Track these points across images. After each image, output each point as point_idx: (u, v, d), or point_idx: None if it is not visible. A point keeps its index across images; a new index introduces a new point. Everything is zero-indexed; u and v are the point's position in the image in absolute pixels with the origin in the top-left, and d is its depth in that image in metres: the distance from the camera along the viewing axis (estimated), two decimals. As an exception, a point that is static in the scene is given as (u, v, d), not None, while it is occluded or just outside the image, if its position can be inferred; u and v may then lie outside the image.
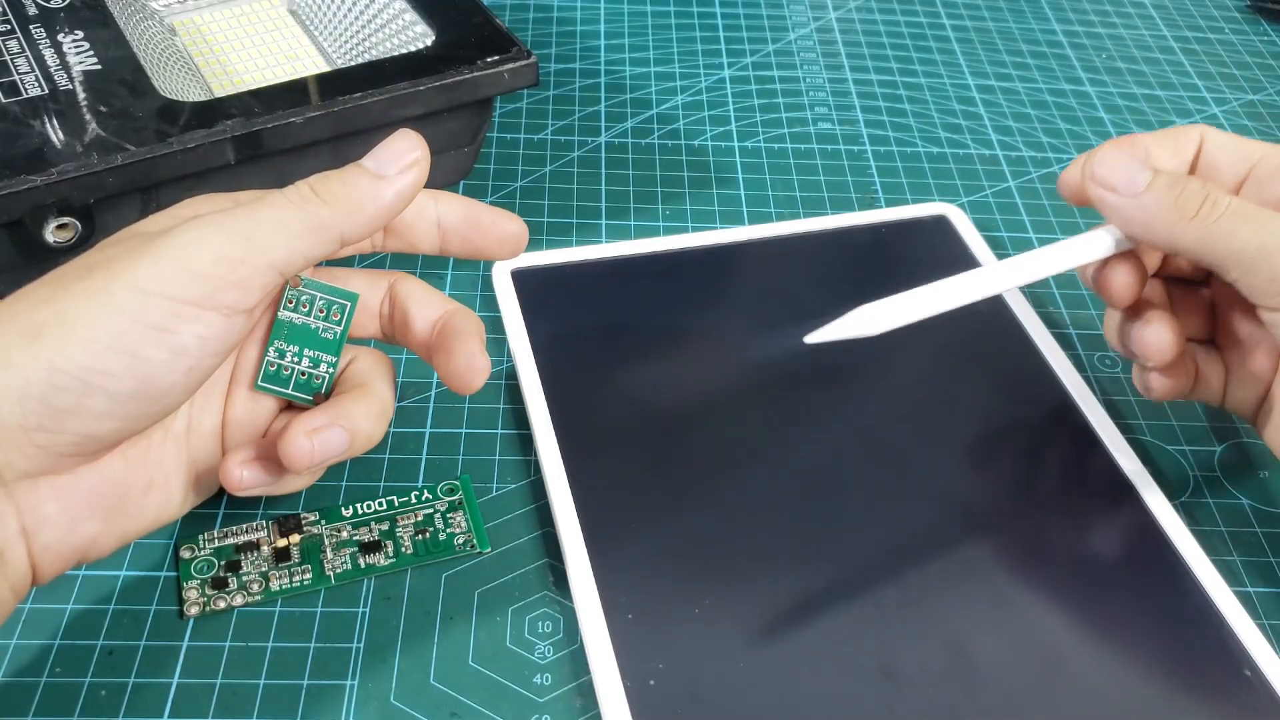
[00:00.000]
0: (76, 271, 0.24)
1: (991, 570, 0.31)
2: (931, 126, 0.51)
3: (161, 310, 0.23)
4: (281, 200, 0.26)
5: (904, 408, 0.36)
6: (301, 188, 0.27)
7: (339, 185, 0.27)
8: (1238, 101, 0.54)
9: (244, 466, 0.28)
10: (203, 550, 0.31)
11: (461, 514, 0.33)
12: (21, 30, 0.40)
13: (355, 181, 0.27)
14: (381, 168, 0.27)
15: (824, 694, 0.28)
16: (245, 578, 0.30)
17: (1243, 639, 0.30)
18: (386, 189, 0.27)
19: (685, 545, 0.32)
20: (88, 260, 0.25)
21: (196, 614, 0.30)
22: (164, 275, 0.24)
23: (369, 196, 0.27)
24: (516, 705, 0.29)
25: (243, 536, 0.31)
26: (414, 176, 0.27)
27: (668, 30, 0.56)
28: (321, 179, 0.27)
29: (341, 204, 0.26)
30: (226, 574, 0.30)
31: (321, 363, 0.30)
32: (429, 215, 0.30)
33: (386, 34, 0.44)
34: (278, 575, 0.30)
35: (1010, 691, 0.29)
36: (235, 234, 0.25)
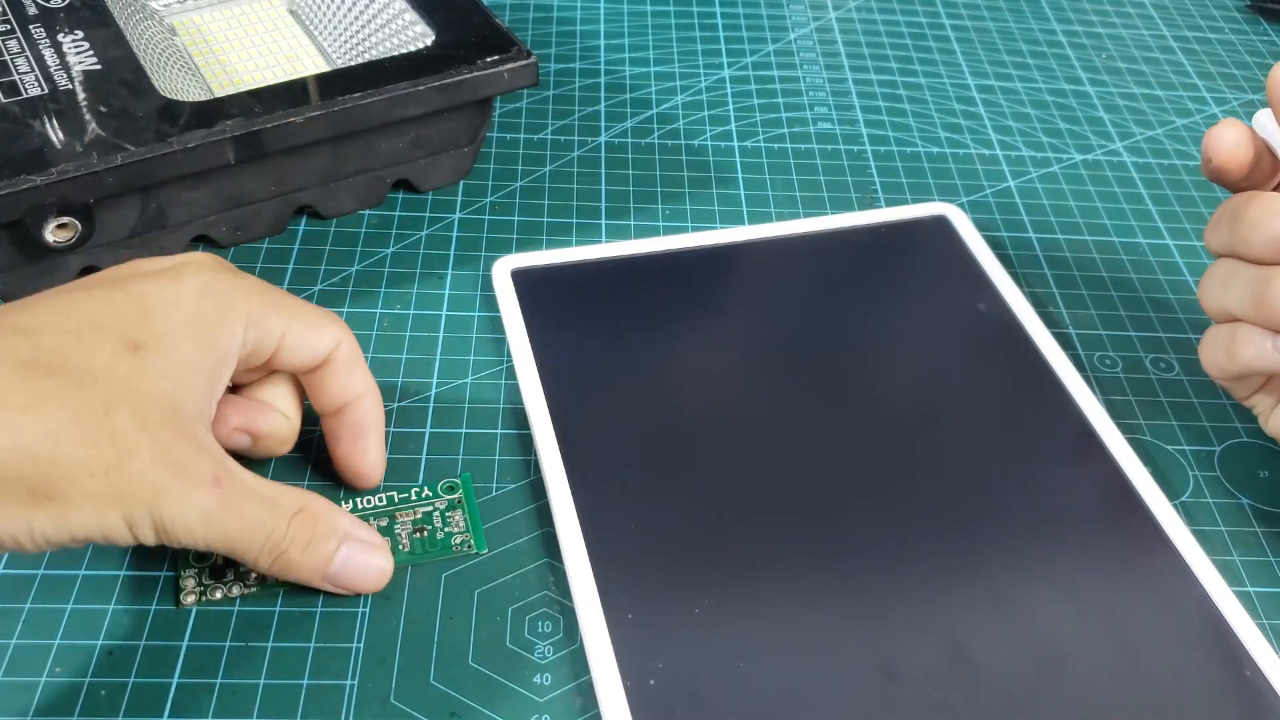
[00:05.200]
0: (101, 449, 0.25)
1: (992, 570, 0.31)
2: (931, 126, 0.51)
3: (122, 535, 0.26)
4: (261, 534, 0.28)
5: (904, 408, 0.36)
6: (282, 543, 0.28)
7: (296, 568, 0.29)
8: (1237, 101, 0.54)
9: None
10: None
11: (460, 513, 0.32)
12: (21, 30, 0.40)
13: (310, 572, 0.29)
14: (333, 578, 0.29)
15: (824, 694, 0.28)
16: (243, 569, 0.30)
17: (1243, 639, 0.30)
18: (317, 583, 0.30)
19: (685, 545, 0.32)
20: (120, 429, 0.25)
21: (193, 603, 0.30)
22: (146, 520, 0.26)
23: (300, 580, 0.29)
24: (516, 705, 0.29)
25: None
26: (341, 592, 0.30)
27: (667, 30, 0.56)
28: (297, 554, 0.28)
29: (283, 569, 0.29)
30: (224, 564, 0.30)
31: None
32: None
33: (386, 34, 0.44)
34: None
35: (1010, 691, 0.29)
36: (212, 532, 0.27)
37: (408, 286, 0.40)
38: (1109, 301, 0.42)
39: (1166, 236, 0.45)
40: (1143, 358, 0.40)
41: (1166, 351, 0.40)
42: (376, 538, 0.30)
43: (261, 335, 0.29)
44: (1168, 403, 0.38)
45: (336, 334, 0.31)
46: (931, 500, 0.33)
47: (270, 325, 0.29)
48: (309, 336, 0.30)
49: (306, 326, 0.30)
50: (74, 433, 0.25)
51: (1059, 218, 0.46)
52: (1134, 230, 0.46)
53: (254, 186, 0.40)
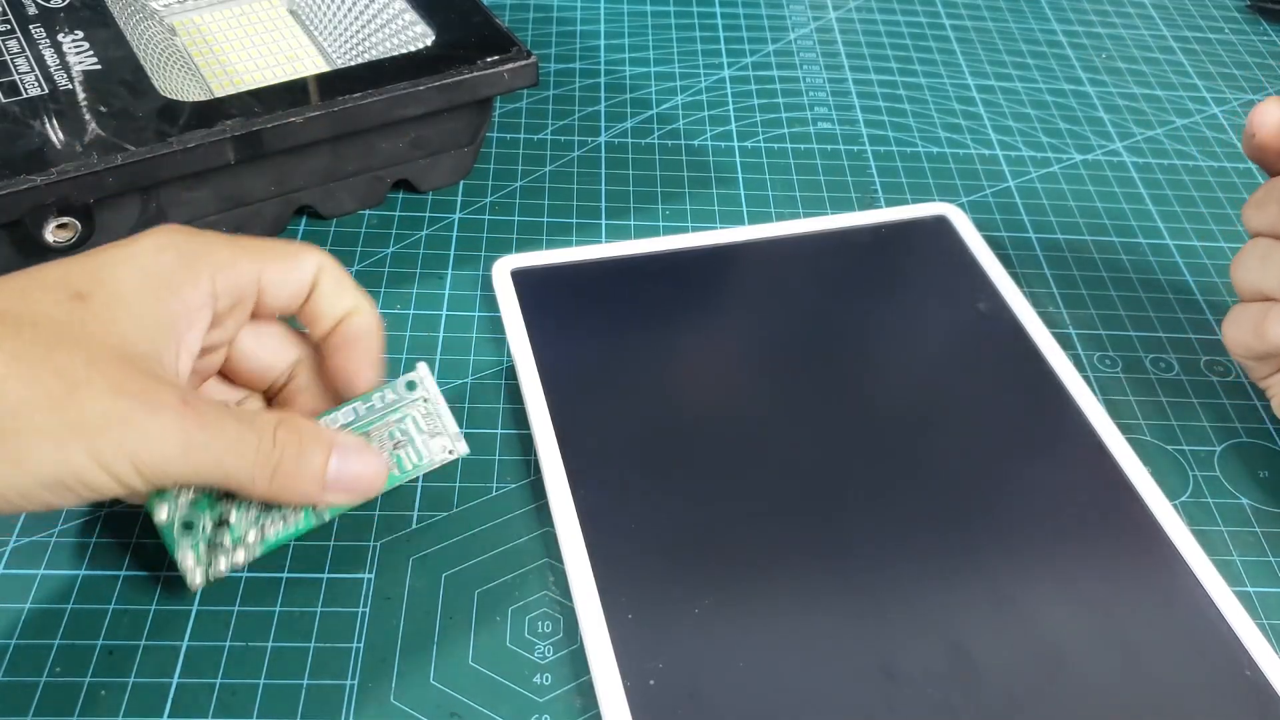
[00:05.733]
0: (52, 386, 0.24)
1: (992, 570, 0.31)
2: (931, 126, 0.51)
3: (99, 482, 0.25)
4: (250, 456, 0.27)
5: (904, 408, 0.36)
6: (272, 459, 0.27)
7: (294, 482, 0.27)
8: (1237, 102, 0.54)
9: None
10: (179, 508, 0.29)
11: (428, 409, 0.31)
12: (21, 30, 0.40)
13: (306, 485, 0.28)
14: (331, 485, 0.28)
15: (824, 693, 0.28)
16: (239, 532, 0.29)
17: (1243, 639, 0.30)
18: (312, 501, 0.29)
19: (685, 545, 0.32)
20: (69, 367, 0.24)
21: (203, 583, 0.29)
22: (120, 458, 0.24)
23: (299, 498, 0.28)
24: (516, 705, 0.29)
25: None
26: (339, 502, 0.29)
27: (667, 30, 0.56)
28: (293, 465, 0.27)
29: (279, 494, 0.28)
30: (218, 533, 0.29)
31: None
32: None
33: (386, 34, 0.44)
34: (271, 523, 0.29)
35: (1010, 691, 0.29)
36: (193, 462, 0.25)
37: (408, 286, 0.40)
38: (1109, 301, 0.42)
39: (1166, 236, 0.45)
40: (1143, 358, 0.40)
41: (1166, 351, 0.40)
42: (361, 440, 0.30)
43: (236, 282, 0.28)
44: (1168, 403, 0.38)
45: (315, 260, 0.30)
46: (931, 500, 0.33)
47: (242, 269, 0.28)
48: (288, 271, 0.29)
49: (282, 262, 0.29)
50: (14, 370, 0.24)
51: (1059, 218, 0.46)
52: (1134, 230, 0.46)
53: (254, 186, 0.40)
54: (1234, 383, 0.39)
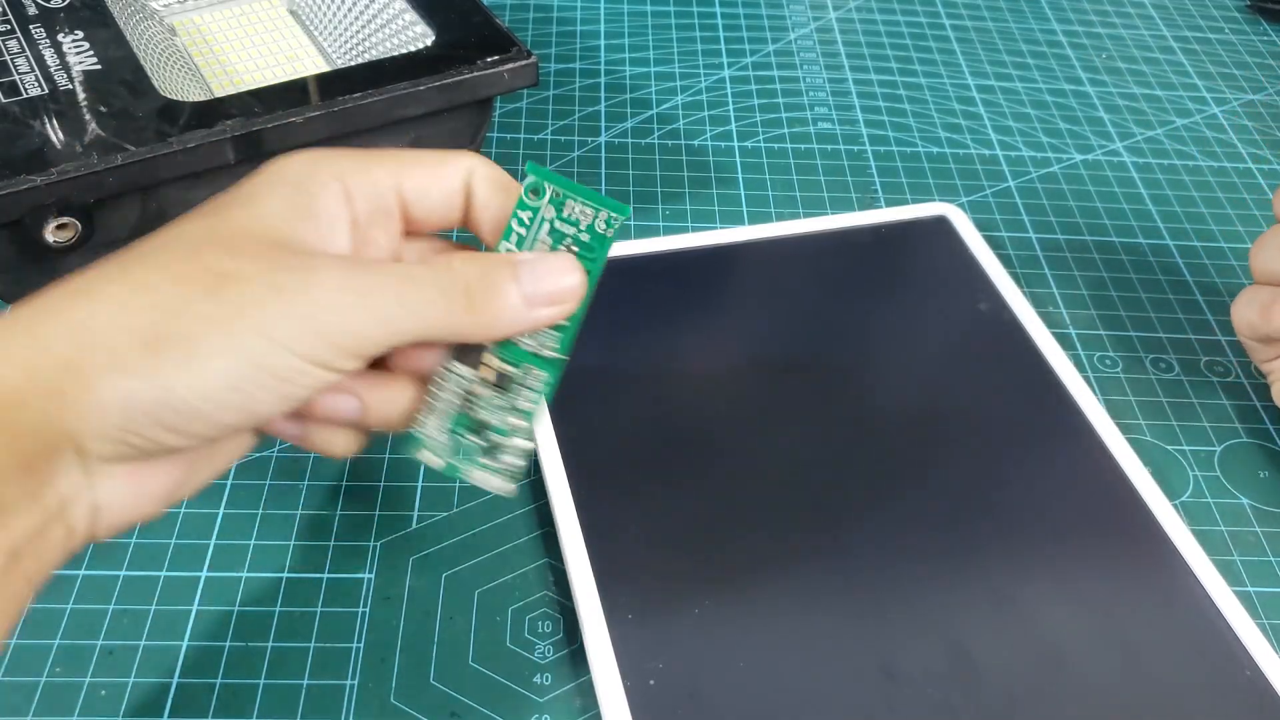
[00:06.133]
0: (204, 280, 0.22)
1: (992, 570, 0.31)
2: (931, 126, 0.51)
3: (286, 365, 0.23)
4: (432, 289, 0.24)
5: (905, 409, 0.36)
6: (458, 284, 0.24)
7: (491, 299, 0.25)
8: (1238, 101, 0.54)
9: (324, 397, 0.26)
10: (442, 447, 0.27)
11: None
12: (21, 30, 0.40)
13: (506, 304, 0.25)
14: (533, 299, 0.25)
15: (824, 694, 0.28)
16: (499, 421, 0.27)
17: (1243, 639, 0.30)
18: (523, 321, 0.25)
19: (685, 545, 0.32)
20: (214, 262, 0.23)
21: (515, 486, 0.27)
22: (295, 331, 0.22)
23: (507, 321, 0.25)
24: (516, 705, 0.29)
25: (452, 393, 0.27)
26: (554, 315, 0.26)
27: (668, 30, 0.56)
28: (483, 285, 0.25)
29: (484, 319, 0.25)
30: (485, 437, 0.27)
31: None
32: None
33: (386, 34, 0.44)
34: (517, 393, 0.27)
35: (1011, 691, 0.29)
36: (373, 313, 0.23)
37: (408, 286, 0.40)
38: (1109, 301, 0.42)
39: (1166, 237, 0.45)
40: (1143, 358, 0.40)
41: (1167, 352, 0.40)
42: (537, 252, 0.27)
43: (371, 190, 0.26)
44: (1168, 403, 0.38)
45: (463, 165, 0.27)
46: (931, 500, 0.33)
47: (376, 176, 0.26)
48: (430, 179, 0.27)
49: (423, 167, 0.27)
50: (160, 276, 0.22)
51: (1059, 218, 0.46)
52: (1134, 230, 0.46)
53: (254, 186, 0.40)
54: (1234, 383, 0.39)
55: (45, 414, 0.21)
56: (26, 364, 0.21)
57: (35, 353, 0.21)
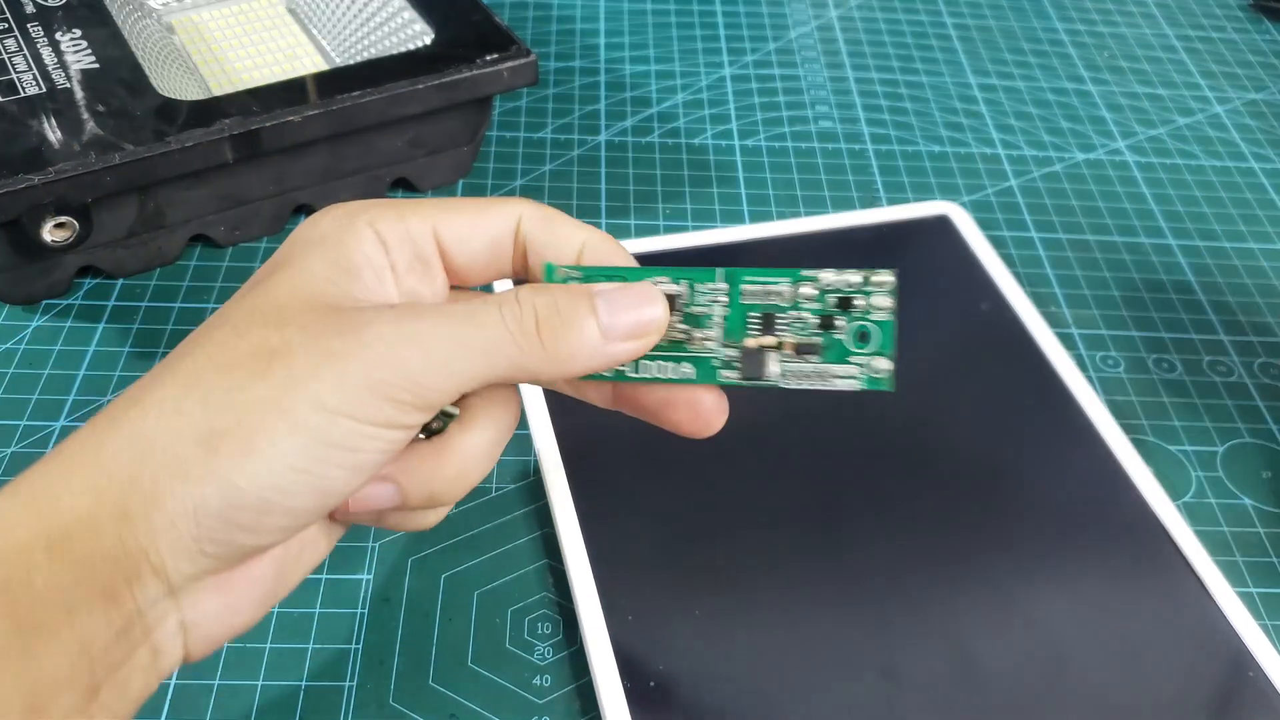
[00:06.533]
0: (251, 362, 0.21)
1: (993, 572, 0.31)
2: (933, 125, 0.50)
3: (349, 433, 0.21)
4: (498, 326, 0.22)
5: (906, 409, 0.36)
6: (526, 319, 0.23)
7: (565, 331, 0.23)
8: (1240, 100, 0.54)
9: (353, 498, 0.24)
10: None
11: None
12: (19, 29, 0.40)
13: (583, 334, 0.23)
14: (611, 327, 0.23)
15: (824, 696, 0.28)
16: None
17: (1245, 640, 0.30)
18: (604, 354, 0.23)
19: (685, 547, 0.31)
20: (261, 341, 0.22)
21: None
22: (353, 396, 0.21)
23: (586, 355, 0.23)
24: (516, 707, 0.29)
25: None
26: (635, 350, 0.23)
27: (668, 28, 0.56)
28: (550, 315, 0.23)
29: (559, 353, 0.23)
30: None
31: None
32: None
33: (385, 32, 0.44)
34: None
35: (1013, 693, 0.29)
36: (434, 359, 0.22)
37: (407, 286, 0.40)
38: (1111, 301, 0.42)
39: (1169, 236, 0.45)
40: (1145, 358, 0.40)
41: (1169, 352, 0.40)
42: (615, 283, 0.24)
43: (404, 234, 0.24)
44: (1170, 403, 0.38)
45: (509, 211, 0.25)
46: (932, 501, 0.33)
47: (410, 223, 0.24)
48: (472, 221, 0.25)
49: (463, 212, 0.25)
50: (208, 368, 0.21)
51: (1061, 217, 0.46)
52: (1136, 230, 0.45)
53: (252, 186, 0.39)
54: (1237, 383, 0.39)
55: (119, 539, 0.20)
56: (92, 488, 0.20)
57: (99, 475, 0.20)
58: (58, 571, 0.19)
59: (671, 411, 0.25)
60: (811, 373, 0.23)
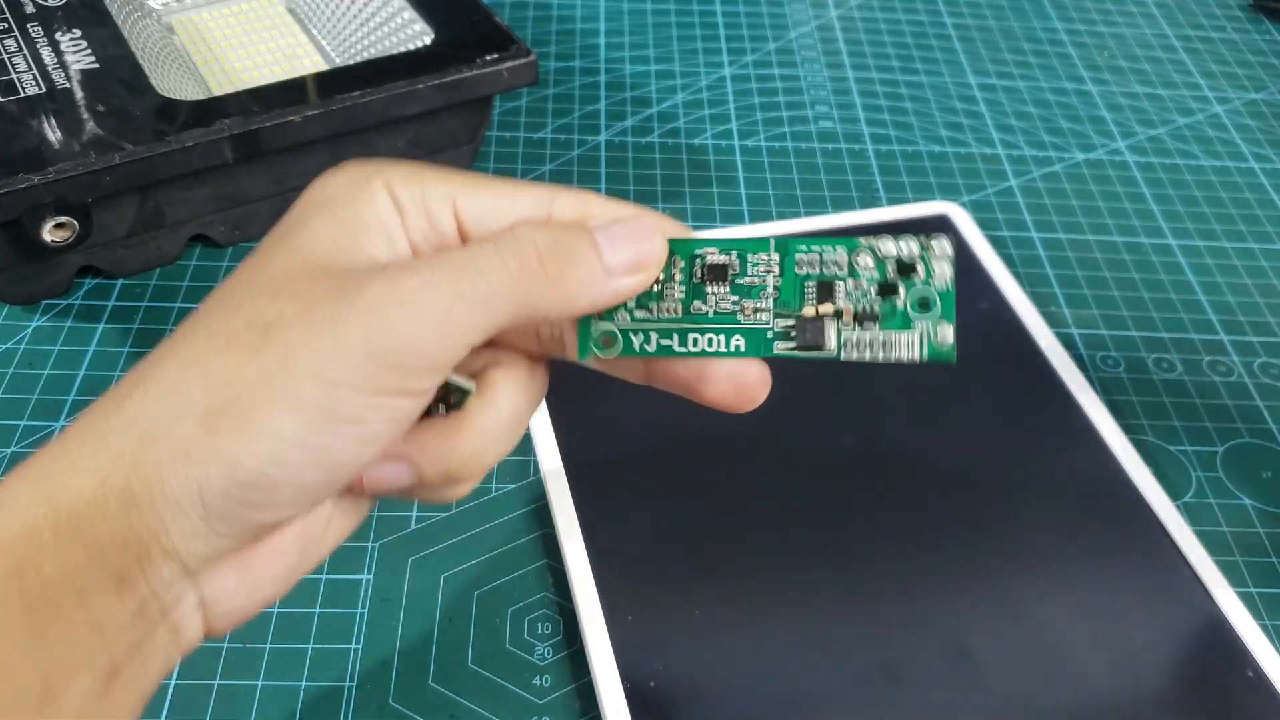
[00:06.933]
0: (248, 336, 0.20)
1: (993, 572, 0.31)
2: (933, 125, 0.50)
3: (351, 404, 0.20)
4: (498, 267, 0.21)
5: (906, 410, 0.36)
6: (528, 253, 0.22)
7: (568, 264, 0.22)
8: (1240, 100, 0.54)
9: (369, 471, 0.23)
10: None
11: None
12: (19, 29, 0.40)
13: (588, 268, 0.22)
14: (614, 262, 0.22)
15: (824, 696, 0.28)
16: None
17: (1246, 640, 0.30)
18: (609, 288, 0.22)
19: (686, 547, 0.31)
20: (256, 313, 0.21)
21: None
22: (351, 365, 0.20)
23: (591, 290, 0.22)
24: (516, 707, 0.29)
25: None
26: (639, 283, 0.23)
27: (668, 28, 0.56)
28: (554, 250, 0.22)
29: (565, 287, 0.22)
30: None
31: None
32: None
33: (385, 32, 0.44)
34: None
35: (1013, 693, 0.29)
36: (431, 317, 0.20)
37: (407, 286, 0.40)
38: (1111, 301, 0.42)
39: (1169, 236, 0.45)
40: (1145, 358, 0.40)
41: (1169, 351, 0.40)
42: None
43: (419, 199, 0.23)
44: (1170, 403, 0.38)
45: (543, 195, 0.24)
46: (932, 502, 0.33)
47: (428, 187, 0.23)
48: (497, 202, 0.23)
49: (488, 190, 0.23)
50: (207, 345, 0.21)
51: (1061, 217, 0.46)
52: (1136, 230, 0.45)
53: (252, 185, 0.39)
54: (1237, 383, 0.39)
55: (127, 522, 0.20)
56: (98, 470, 0.20)
57: (103, 457, 0.20)
58: (67, 555, 0.19)
59: (709, 386, 0.24)
60: (871, 341, 0.23)
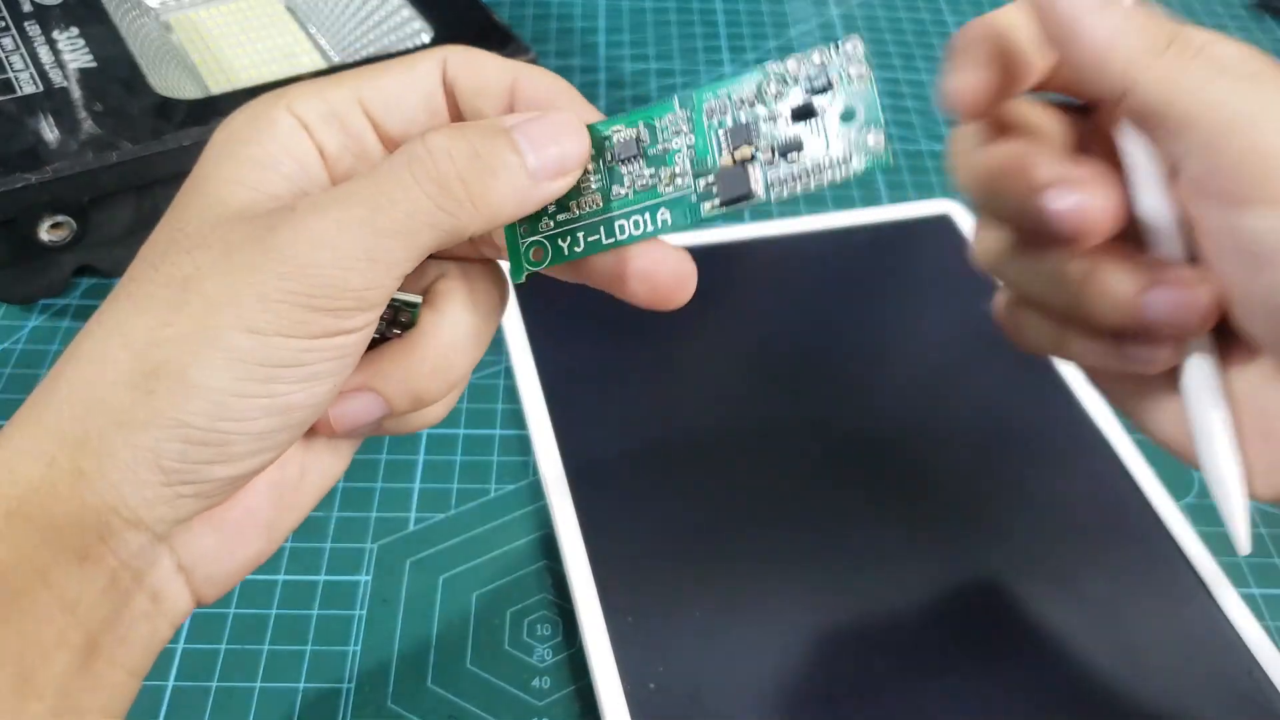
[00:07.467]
0: (167, 294, 0.20)
1: (997, 572, 0.31)
2: (935, 123, 0.50)
3: (283, 349, 0.20)
4: (414, 193, 0.20)
5: (907, 412, 0.36)
6: (445, 170, 0.20)
7: (490, 180, 0.20)
8: (1242, 98, 0.53)
9: (334, 409, 0.22)
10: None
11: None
12: (16, 27, 0.40)
13: (510, 178, 0.21)
14: (539, 166, 0.21)
15: (824, 696, 0.28)
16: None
17: (1247, 640, 0.30)
18: (534, 196, 0.21)
19: (685, 548, 0.31)
20: (174, 269, 0.20)
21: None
22: (275, 313, 0.19)
23: (515, 202, 0.21)
24: (515, 709, 0.28)
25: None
26: (564, 186, 0.21)
27: (668, 26, 0.56)
28: (473, 164, 0.20)
29: (489, 204, 0.20)
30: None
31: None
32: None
33: (384, 30, 0.44)
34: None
35: (1014, 692, 0.28)
36: (349, 255, 0.20)
37: (406, 285, 0.40)
38: (1113, 300, 0.42)
39: (1171, 234, 0.45)
40: (1147, 357, 0.39)
41: (1171, 351, 0.40)
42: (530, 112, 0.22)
43: (325, 110, 0.22)
44: (1172, 402, 0.38)
45: (433, 59, 0.23)
46: (934, 502, 0.33)
47: (328, 95, 0.22)
48: (398, 82, 0.22)
49: (386, 74, 0.22)
50: (130, 308, 0.20)
51: (1062, 215, 0.45)
52: (1138, 228, 0.45)
53: (251, 185, 0.39)
54: (1239, 382, 0.39)
55: (80, 499, 0.19)
56: (43, 453, 0.19)
57: (46, 437, 0.20)
58: (21, 539, 0.19)
59: (626, 284, 0.23)
60: (799, 173, 0.21)
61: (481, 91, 0.22)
